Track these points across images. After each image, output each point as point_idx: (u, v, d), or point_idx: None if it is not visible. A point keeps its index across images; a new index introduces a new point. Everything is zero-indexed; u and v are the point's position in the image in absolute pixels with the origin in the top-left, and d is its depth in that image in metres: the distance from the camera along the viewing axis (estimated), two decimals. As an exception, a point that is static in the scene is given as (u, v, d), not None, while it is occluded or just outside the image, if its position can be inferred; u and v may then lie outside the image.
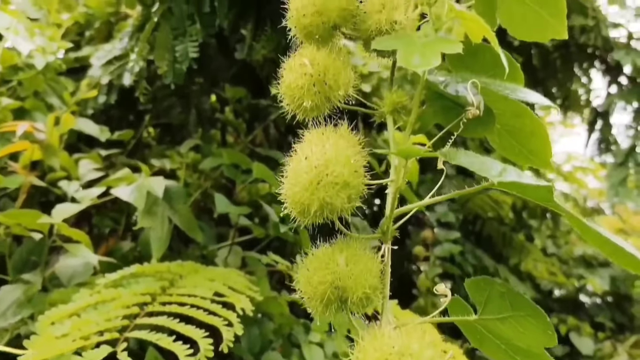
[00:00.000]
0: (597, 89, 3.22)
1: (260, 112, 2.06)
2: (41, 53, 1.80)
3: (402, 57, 0.39)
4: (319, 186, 0.42)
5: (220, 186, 1.96)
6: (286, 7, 0.61)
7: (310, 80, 0.48)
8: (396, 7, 0.49)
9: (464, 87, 0.44)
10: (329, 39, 0.52)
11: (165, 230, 1.33)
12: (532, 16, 0.58)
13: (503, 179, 0.36)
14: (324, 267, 0.44)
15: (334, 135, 0.45)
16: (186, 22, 1.04)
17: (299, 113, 0.50)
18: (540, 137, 0.54)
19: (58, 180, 1.54)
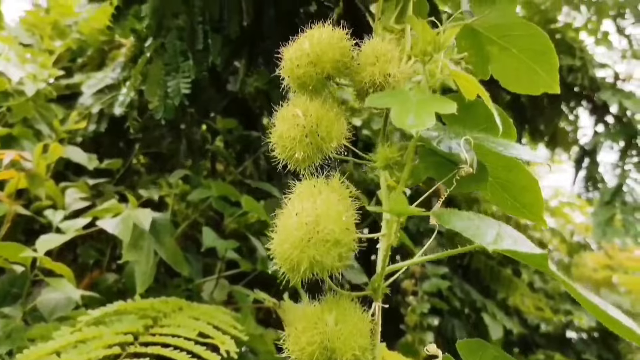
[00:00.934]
0: (584, 127, 3.27)
1: (251, 144, 2.05)
2: (32, 80, 1.79)
3: (396, 117, 0.38)
4: (309, 244, 0.41)
5: (208, 217, 1.94)
6: (280, 45, 0.61)
7: (302, 132, 0.48)
8: (390, 60, 0.49)
9: (457, 143, 0.44)
10: (322, 89, 0.52)
11: (150, 264, 1.31)
12: (525, 70, 0.58)
13: (498, 247, 0.35)
14: (313, 327, 0.43)
15: (326, 189, 0.44)
16: (179, 58, 1.04)
17: (291, 163, 0.49)
18: (532, 192, 0.53)
19: (43, 209, 1.51)
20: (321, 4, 1.32)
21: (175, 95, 1.00)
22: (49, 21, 2.45)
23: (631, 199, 2.62)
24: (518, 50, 0.58)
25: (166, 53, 1.04)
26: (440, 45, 0.42)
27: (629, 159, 2.79)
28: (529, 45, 0.57)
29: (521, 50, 0.57)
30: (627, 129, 2.77)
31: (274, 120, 0.52)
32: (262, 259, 1.46)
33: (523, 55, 0.58)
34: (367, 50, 0.51)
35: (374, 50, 0.50)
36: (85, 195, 1.64)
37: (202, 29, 1.03)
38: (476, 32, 0.60)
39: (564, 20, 3.12)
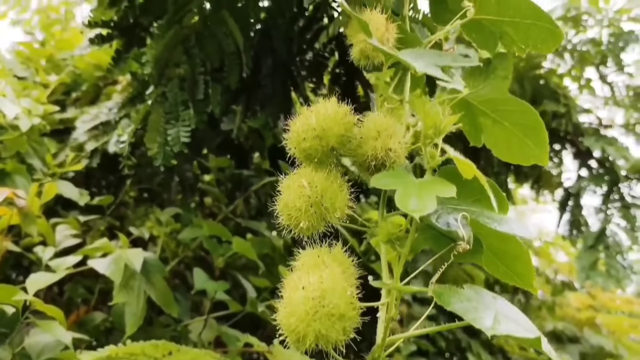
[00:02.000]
0: (568, 171, 3.33)
1: (242, 182, 2.07)
2: (26, 115, 1.80)
3: (400, 200, 0.41)
4: (315, 317, 0.42)
5: (198, 255, 1.94)
6: (276, 91, 0.63)
7: (308, 202, 0.50)
8: (391, 135, 0.52)
9: (454, 219, 0.47)
10: (327, 161, 0.54)
11: (140, 305, 1.31)
12: (516, 142, 0.61)
13: (497, 332, 0.37)
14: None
15: (330, 260, 0.46)
16: (180, 107, 1.06)
17: (295, 230, 0.52)
18: (524, 261, 0.56)
19: (33, 246, 1.51)
20: (317, 54, 1.36)
21: (175, 144, 1.02)
22: (44, 54, 2.48)
23: (614, 243, 2.66)
24: (510, 124, 0.61)
25: (167, 102, 1.07)
26: (441, 130, 0.45)
27: (611, 204, 2.85)
28: (520, 120, 0.60)
29: (513, 124, 0.61)
30: (610, 174, 2.84)
31: (280, 188, 0.54)
32: (251, 300, 1.47)
33: (515, 129, 0.61)
34: (369, 124, 0.53)
35: (375, 125, 0.53)
36: (76, 232, 1.64)
37: (203, 79, 1.06)
38: (470, 104, 0.63)
39: (549, 67, 3.22)
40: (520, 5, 0.58)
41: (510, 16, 0.59)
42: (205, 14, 1.07)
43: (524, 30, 0.59)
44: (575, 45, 3.16)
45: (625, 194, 2.86)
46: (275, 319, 0.45)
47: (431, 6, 0.83)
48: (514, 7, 0.58)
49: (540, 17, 0.57)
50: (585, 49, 3.14)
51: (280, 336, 0.45)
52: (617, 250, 2.65)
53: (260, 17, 1.26)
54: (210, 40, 1.05)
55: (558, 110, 2.78)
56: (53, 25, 2.74)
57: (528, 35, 0.59)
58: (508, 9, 0.58)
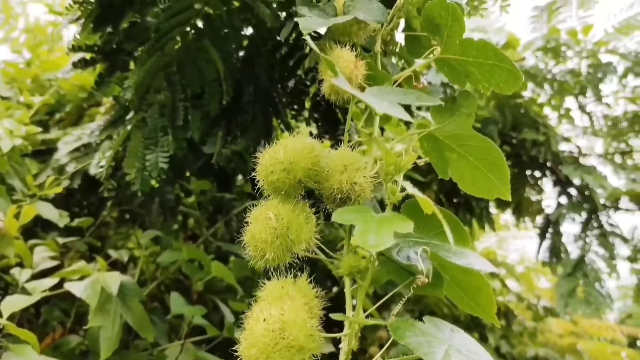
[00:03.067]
0: (548, 198, 3.38)
1: (223, 205, 2.08)
2: (8, 135, 1.80)
3: (358, 236, 0.42)
4: (275, 349, 0.43)
5: (176, 278, 1.94)
6: (257, 118, 0.65)
7: (274, 234, 0.51)
8: (357, 169, 0.53)
9: (415, 252, 0.48)
10: (294, 193, 0.56)
11: (116, 329, 1.30)
12: (481, 177, 0.63)
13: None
14: None
15: (293, 291, 0.48)
16: (159, 133, 1.07)
17: (261, 262, 0.53)
18: (485, 293, 0.57)
19: (10, 268, 1.50)
20: (299, 81, 1.38)
21: (153, 169, 1.03)
22: (29, 74, 2.48)
23: (592, 271, 2.69)
24: (474, 159, 0.63)
25: (147, 127, 1.08)
26: (400, 167, 0.47)
27: (590, 232, 2.89)
28: (484, 156, 0.62)
29: (477, 159, 0.63)
30: (589, 202, 2.88)
31: (248, 219, 0.55)
32: (228, 325, 1.46)
33: (479, 164, 0.63)
34: (336, 158, 0.55)
35: (342, 159, 0.54)
36: (54, 254, 1.63)
37: (182, 106, 1.07)
38: (437, 138, 0.65)
39: (529, 96, 3.28)
40: (481, 46, 0.60)
41: (474, 56, 0.61)
42: (188, 42, 1.09)
43: (487, 70, 0.61)
44: (555, 75, 3.23)
45: (604, 222, 2.90)
46: (237, 350, 0.46)
47: (406, 42, 0.86)
48: (476, 48, 0.60)
49: (501, 58, 0.60)
50: (564, 79, 3.21)
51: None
52: (595, 278, 2.68)
53: (242, 44, 1.28)
54: (191, 67, 1.07)
55: (537, 139, 2.83)
56: (40, 46, 2.75)
57: (491, 75, 0.62)
58: (471, 49, 0.61)
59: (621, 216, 3.16)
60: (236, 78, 1.24)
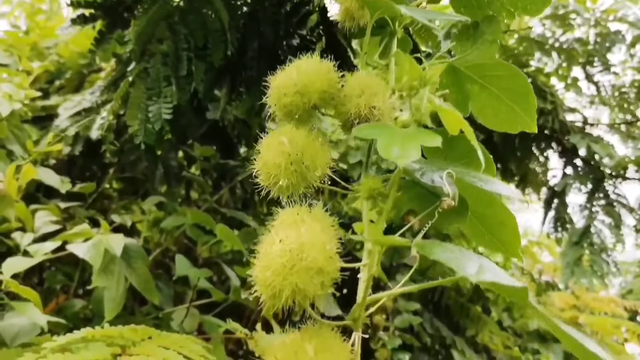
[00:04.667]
0: (553, 169, 3.35)
1: (227, 172, 2.05)
2: (7, 100, 1.76)
3: (382, 148, 0.39)
4: (293, 271, 0.41)
5: (181, 245, 1.92)
6: (263, 75, 0.62)
7: (287, 159, 0.48)
8: (375, 93, 0.50)
9: (439, 176, 0.45)
10: (308, 119, 0.52)
11: (120, 290, 1.28)
12: (505, 109, 0.60)
13: (480, 279, 0.36)
14: (292, 356, 0.42)
15: (309, 218, 0.45)
16: (162, 83, 1.04)
17: (274, 191, 0.50)
18: (510, 228, 0.55)
19: (11, 232, 1.47)
20: (304, 38, 1.34)
21: (156, 120, 1.00)
22: (27, 42, 2.44)
23: (598, 240, 2.67)
24: (498, 89, 0.60)
25: (149, 78, 1.04)
26: (426, 80, 0.43)
27: (596, 201, 2.86)
28: (508, 86, 0.59)
29: (501, 90, 0.59)
30: (595, 172, 2.85)
31: (259, 147, 0.52)
32: (235, 288, 1.44)
33: (502, 95, 0.59)
34: (353, 82, 0.52)
35: (359, 83, 0.51)
36: (56, 219, 1.60)
37: (186, 56, 1.04)
38: (457, 70, 0.61)
39: (536, 65, 3.23)
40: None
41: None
42: (191, -9, 1.05)
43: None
44: (563, 44, 3.17)
45: (610, 192, 2.87)
46: (250, 274, 0.43)
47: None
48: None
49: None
50: (572, 48, 3.16)
51: (255, 292, 0.43)
52: (601, 247, 2.66)
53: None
54: (194, 17, 1.03)
55: (545, 108, 2.78)
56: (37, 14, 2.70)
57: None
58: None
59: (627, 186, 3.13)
60: (241, 33, 1.20)
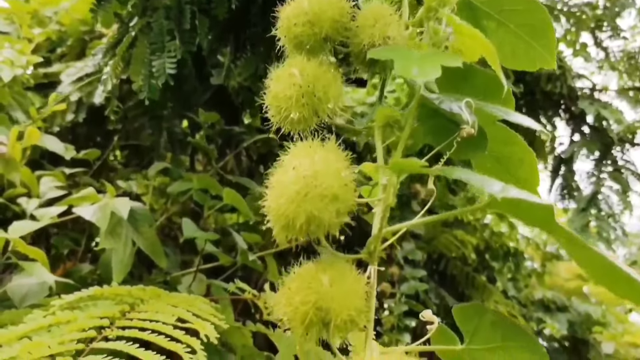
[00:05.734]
0: (560, 137, 3.32)
1: (232, 139, 2.03)
2: (9, 65, 1.74)
3: (400, 68, 0.37)
4: (307, 198, 0.39)
5: (186, 212, 1.91)
6: (267, 30, 0.60)
7: (299, 91, 0.46)
8: (389, 23, 0.48)
9: (458, 106, 0.43)
10: (320, 51, 0.50)
11: (127, 253, 1.28)
12: (522, 46, 0.58)
13: (506, 195, 0.34)
14: (307, 287, 0.41)
15: (322, 149, 0.43)
16: (165, 37, 1.02)
17: (285, 125, 0.48)
18: (529, 165, 0.53)
19: (17, 197, 1.47)
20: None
21: (160, 75, 0.98)
22: (28, 10, 2.40)
23: (606, 206, 2.66)
24: (515, 25, 0.57)
25: (152, 32, 1.02)
26: (445, 0, 0.41)
27: (604, 168, 2.84)
28: (526, 21, 0.56)
29: (518, 25, 0.57)
30: (604, 138, 2.82)
31: (268, 80, 0.50)
32: (242, 251, 1.43)
33: (520, 31, 0.57)
34: (366, 12, 0.50)
35: (373, 13, 0.49)
36: (62, 185, 1.59)
37: (189, 9, 1.01)
38: (473, 6, 0.59)
39: (544, 31, 3.17)
40: None
41: None
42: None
43: None
44: (571, 8, 3.11)
45: (618, 158, 2.85)
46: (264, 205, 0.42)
47: None
48: None
49: None
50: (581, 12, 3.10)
51: (268, 222, 0.42)
52: (608, 213, 2.65)
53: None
54: (197, -32, 1.00)
55: (553, 73, 2.74)
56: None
57: None
58: None
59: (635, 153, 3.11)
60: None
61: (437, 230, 3.40)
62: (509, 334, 0.40)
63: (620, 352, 4.10)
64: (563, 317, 3.85)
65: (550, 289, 4.39)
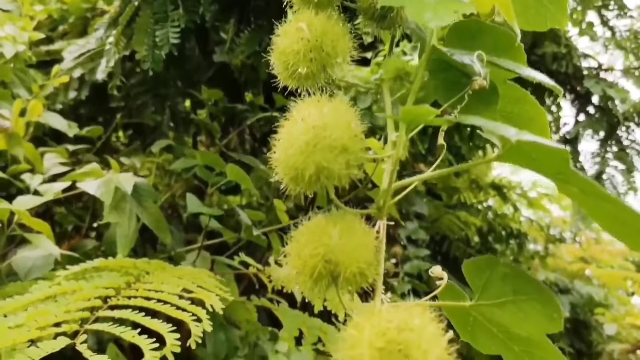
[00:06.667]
0: (566, 117, 3.29)
1: (235, 117, 2.02)
2: (11, 42, 1.73)
3: (413, 14, 0.36)
4: (316, 149, 0.38)
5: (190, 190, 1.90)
6: (271, 4, 0.58)
7: (306, 46, 0.45)
8: (399, -24, 0.47)
9: (469, 58, 0.42)
10: (328, 6, 0.49)
11: (132, 227, 1.27)
12: (533, 5, 0.56)
13: (521, 138, 0.34)
14: (316, 240, 0.40)
15: (331, 102, 0.42)
16: (169, 6, 1.00)
17: (292, 81, 0.47)
18: (539, 124, 0.52)
19: (21, 173, 1.46)
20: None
21: (163, 44, 0.97)
22: (29, -13, 2.38)
23: (611, 186, 2.65)
24: (526, -17, 0.56)
25: (155, 1, 1.01)
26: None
27: (609, 148, 2.82)
28: (538, -23, 0.55)
29: (530, -19, 0.56)
30: (609, 118, 2.80)
31: (275, 38, 0.49)
32: (246, 226, 1.43)
33: (531, -11, 0.56)
34: (374, -34, 0.49)
35: (381, -34, 0.48)
36: (65, 161, 1.59)
37: (193, -22, 1.00)
38: (484, -37, 0.58)
39: (550, 10, 3.14)
40: None
41: None
42: None
43: None
44: (578, -14, 3.07)
45: (623, 138, 2.83)
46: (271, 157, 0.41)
47: None
48: None
49: None
50: (588, -10, 3.06)
51: (276, 175, 0.41)
52: (613, 192, 2.64)
53: None
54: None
55: (559, 52, 2.71)
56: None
57: None
58: None
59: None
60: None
61: (441, 211, 3.40)
62: (521, 286, 0.40)
63: (622, 334, 4.12)
64: (565, 299, 3.86)
65: (553, 271, 4.40)
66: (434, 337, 0.32)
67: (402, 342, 0.31)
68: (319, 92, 0.47)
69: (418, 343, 0.31)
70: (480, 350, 0.47)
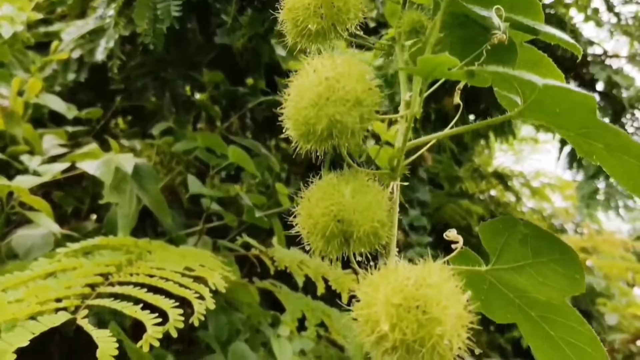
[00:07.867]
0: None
1: (237, 101, 1.99)
2: (9, 22, 1.70)
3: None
4: (329, 102, 0.36)
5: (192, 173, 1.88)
6: None
7: (317, 1, 0.43)
8: None
9: (487, 13, 0.40)
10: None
11: (132, 208, 1.26)
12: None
13: (547, 83, 0.32)
14: (328, 198, 0.38)
15: (344, 56, 0.40)
16: (170, -21, 0.98)
17: (302, 39, 0.45)
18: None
19: (20, 154, 1.45)
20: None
21: (165, 18, 0.94)
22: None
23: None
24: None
25: (156, -26, 0.98)
26: None
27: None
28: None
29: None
30: (614, 104, 2.78)
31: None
32: (248, 208, 1.41)
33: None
34: None
35: None
36: (64, 143, 1.57)
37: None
38: None
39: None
40: None
41: None
42: None
43: None
44: (583, -28, 3.04)
45: (628, 125, 2.81)
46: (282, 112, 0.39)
47: None
48: None
49: None
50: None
51: (287, 130, 0.39)
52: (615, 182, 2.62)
53: None
54: None
55: (564, 38, 2.68)
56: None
57: None
58: None
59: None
60: None
61: (443, 200, 3.39)
62: (541, 247, 0.38)
63: (624, 324, 4.12)
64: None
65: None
66: (453, 293, 0.30)
67: (420, 299, 0.29)
68: (330, 51, 0.45)
69: (437, 299, 0.29)
70: (495, 320, 0.46)
